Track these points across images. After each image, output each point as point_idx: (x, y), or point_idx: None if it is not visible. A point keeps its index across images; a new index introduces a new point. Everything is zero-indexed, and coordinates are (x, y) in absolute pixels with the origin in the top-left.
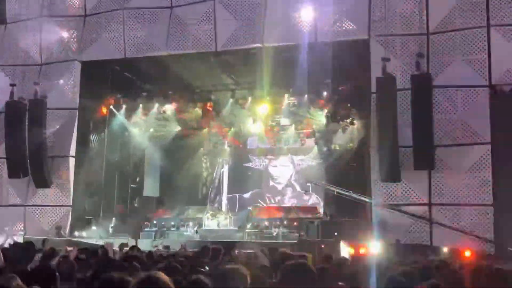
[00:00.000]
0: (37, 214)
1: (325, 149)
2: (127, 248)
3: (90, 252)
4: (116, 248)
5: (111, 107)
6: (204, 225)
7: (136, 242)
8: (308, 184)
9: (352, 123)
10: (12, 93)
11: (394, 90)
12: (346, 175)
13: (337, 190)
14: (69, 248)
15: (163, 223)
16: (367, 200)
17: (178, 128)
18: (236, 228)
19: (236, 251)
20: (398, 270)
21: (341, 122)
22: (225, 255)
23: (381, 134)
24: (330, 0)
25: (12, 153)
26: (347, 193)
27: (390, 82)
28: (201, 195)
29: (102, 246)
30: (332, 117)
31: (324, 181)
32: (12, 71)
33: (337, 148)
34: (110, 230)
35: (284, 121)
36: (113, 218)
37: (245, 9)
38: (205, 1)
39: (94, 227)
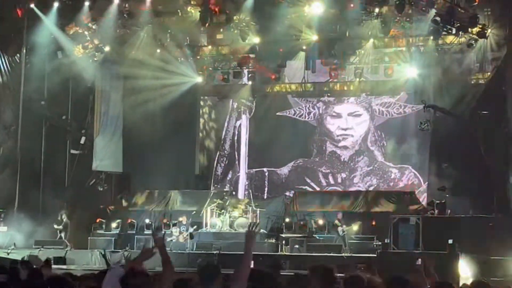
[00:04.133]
0: None
1: (428, 85)
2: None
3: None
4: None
5: (32, 5)
6: (206, 225)
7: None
8: (427, 107)
9: (481, 35)
10: None
11: None
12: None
13: None
14: None
15: (129, 221)
16: None
17: (157, 49)
18: (265, 231)
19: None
20: None
21: (461, 34)
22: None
23: None
24: None
25: None
26: None
27: None
28: (198, 169)
29: (23, 262)
30: (444, 24)
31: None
32: None
33: (454, 82)
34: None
35: (355, 30)
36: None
37: None
38: None
39: (3, 227)
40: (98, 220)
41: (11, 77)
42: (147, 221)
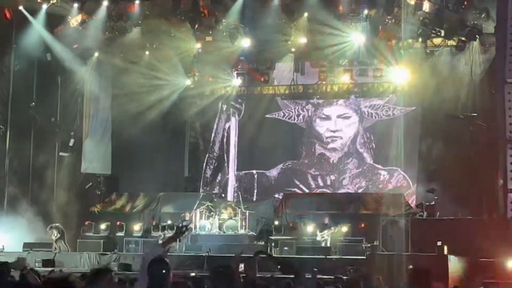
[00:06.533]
0: None
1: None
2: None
3: None
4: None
5: (21, 7)
6: (195, 227)
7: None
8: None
9: (470, 37)
10: None
11: None
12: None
13: None
14: None
15: (118, 224)
16: None
17: (146, 51)
18: (254, 233)
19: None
20: None
21: (450, 36)
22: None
23: None
24: None
25: None
26: None
27: None
28: (188, 171)
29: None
30: (433, 26)
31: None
32: None
33: (443, 84)
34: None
35: (344, 32)
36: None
37: None
38: None
39: None
40: (87, 223)
41: None
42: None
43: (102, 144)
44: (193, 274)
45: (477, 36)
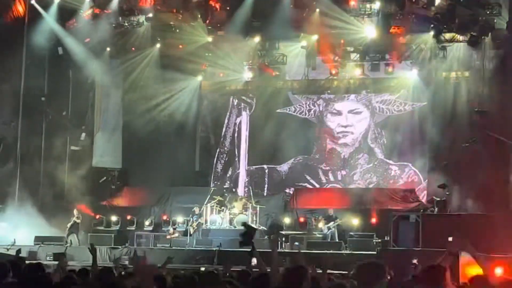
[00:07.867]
0: None
1: (430, 79)
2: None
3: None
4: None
5: (33, 1)
6: (206, 222)
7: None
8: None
9: (482, 32)
10: None
11: None
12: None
13: None
14: None
15: (129, 218)
16: None
17: (157, 45)
18: (265, 228)
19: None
20: None
21: (462, 31)
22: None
23: None
24: None
25: None
26: None
27: None
28: (199, 166)
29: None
30: (445, 21)
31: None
32: None
33: (454, 79)
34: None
35: (356, 27)
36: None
37: None
38: None
39: (2, 223)
40: (98, 217)
41: (11, 73)
42: (148, 220)
43: (113, 138)
44: (202, 268)
45: (489, 31)
